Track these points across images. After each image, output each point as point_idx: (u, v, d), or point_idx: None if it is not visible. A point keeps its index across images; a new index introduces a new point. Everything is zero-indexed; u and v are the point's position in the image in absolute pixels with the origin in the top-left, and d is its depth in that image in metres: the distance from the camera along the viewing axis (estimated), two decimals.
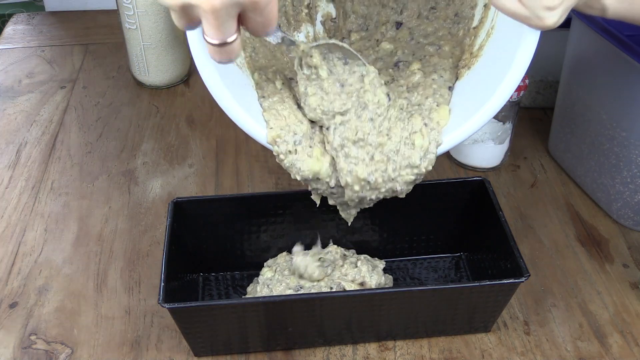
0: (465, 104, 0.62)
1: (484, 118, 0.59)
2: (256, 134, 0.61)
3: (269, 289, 0.67)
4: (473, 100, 0.60)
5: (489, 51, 0.62)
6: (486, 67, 0.62)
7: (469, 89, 0.63)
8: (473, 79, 0.63)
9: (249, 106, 0.61)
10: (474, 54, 0.64)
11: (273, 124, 0.61)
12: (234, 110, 0.59)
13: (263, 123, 0.61)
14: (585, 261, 0.75)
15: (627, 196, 0.76)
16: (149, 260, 0.75)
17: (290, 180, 0.85)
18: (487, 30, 0.63)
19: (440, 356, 0.65)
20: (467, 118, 0.60)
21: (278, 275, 0.68)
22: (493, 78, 0.58)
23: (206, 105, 1.00)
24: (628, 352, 0.65)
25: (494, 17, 0.62)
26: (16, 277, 0.73)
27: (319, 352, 0.65)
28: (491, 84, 0.58)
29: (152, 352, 0.65)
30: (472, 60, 0.64)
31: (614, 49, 0.71)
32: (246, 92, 0.62)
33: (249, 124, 0.60)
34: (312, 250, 0.68)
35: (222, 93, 0.58)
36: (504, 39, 0.60)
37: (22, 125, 0.96)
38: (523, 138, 0.91)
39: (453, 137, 0.61)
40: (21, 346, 0.66)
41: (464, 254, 0.75)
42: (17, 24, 1.20)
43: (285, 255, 0.71)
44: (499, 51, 0.60)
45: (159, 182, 0.86)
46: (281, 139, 0.60)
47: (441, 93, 0.63)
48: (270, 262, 0.71)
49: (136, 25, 0.96)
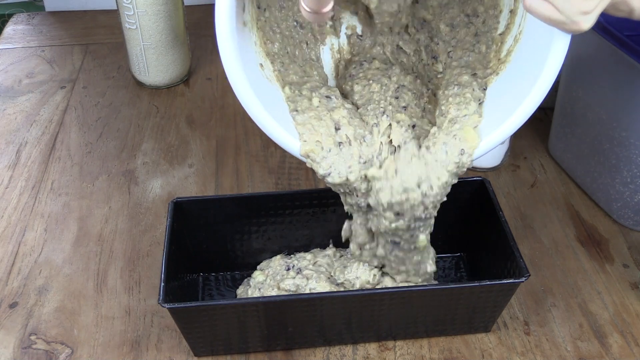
0: (496, 108, 0.61)
1: (518, 122, 0.59)
2: (288, 145, 0.61)
3: (260, 293, 0.67)
4: (505, 105, 0.60)
5: (517, 56, 0.62)
6: (516, 72, 0.61)
7: (499, 95, 0.62)
8: (503, 85, 0.62)
9: (280, 117, 0.61)
10: (501, 59, 0.64)
11: (307, 137, 0.61)
12: (266, 121, 0.60)
13: (295, 134, 0.62)
14: (585, 261, 0.75)
15: (627, 196, 0.76)
16: (149, 260, 0.75)
17: (290, 180, 0.86)
18: (515, 35, 0.63)
19: (440, 356, 0.65)
20: (500, 123, 0.59)
21: (270, 280, 0.68)
22: (525, 82, 0.58)
23: (206, 105, 1.00)
24: (628, 352, 0.65)
25: (521, 22, 0.62)
26: (16, 277, 0.73)
27: (319, 352, 0.65)
28: (524, 88, 0.58)
29: (152, 352, 0.66)
30: (500, 66, 0.63)
31: (614, 49, 0.71)
32: (276, 104, 0.62)
33: (281, 135, 0.61)
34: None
35: (253, 104, 0.59)
36: (533, 43, 0.59)
37: (22, 125, 0.96)
38: (523, 138, 0.91)
39: (487, 142, 0.60)
40: (21, 346, 0.66)
41: (464, 254, 0.75)
42: (17, 24, 1.20)
43: (279, 259, 0.70)
44: (528, 56, 0.60)
45: (159, 182, 0.86)
46: (315, 154, 0.61)
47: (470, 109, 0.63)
48: (263, 265, 0.71)
49: (136, 25, 0.96)
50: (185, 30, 1.01)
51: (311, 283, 0.66)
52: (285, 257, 0.71)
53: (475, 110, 0.62)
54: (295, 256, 0.70)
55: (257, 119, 0.60)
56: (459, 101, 0.63)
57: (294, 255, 0.71)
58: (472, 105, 0.62)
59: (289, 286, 0.66)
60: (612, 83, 0.74)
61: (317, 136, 0.62)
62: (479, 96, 0.63)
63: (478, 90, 0.63)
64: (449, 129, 0.61)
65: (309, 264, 0.69)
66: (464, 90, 0.63)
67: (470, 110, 0.62)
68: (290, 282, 0.67)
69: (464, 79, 0.64)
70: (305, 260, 0.69)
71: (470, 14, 0.68)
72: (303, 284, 0.66)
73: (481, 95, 0.63)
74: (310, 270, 0.68)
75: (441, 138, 0.61)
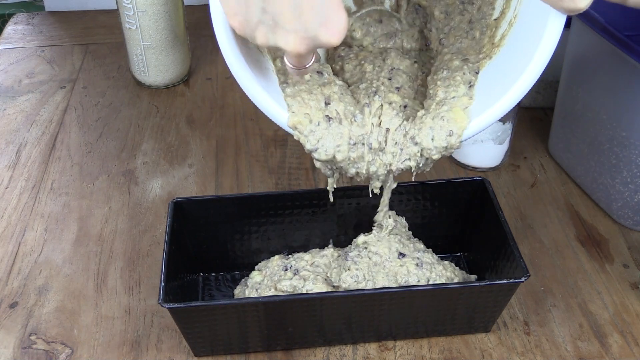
0: (489, 90, 0.61)
1: (510, 103, 0.58)
2: (276, 116, 0.60)
3: (257, 293, 0.67)
4: (497, 86, 0.59)
5: (511, 40, 0.62)
6: (510, 55, 0.61)
7: (492, 78, 0.62)
8: (495, 69, 0.62)
9: (269, 88, 0.60)
10: (495, 44, 0.63)
11: (296, 109, 0.60)
12: (255, 90, 0.59)
13: (284, 106, 0.61)
14: (585, 261, 0.75)
15: (627, 196, 0.76)
16: (149, 260, 0.75)
17: (290, 180, 0.86)
18: (510, 20, 0.62)
19: (440, 356, 0.65)
20: (492, 103, 0.59)
21: (267, 280, 0.68)
22: (518, 64, 0.58)
23: (206, 105, 1.00)
24: (628, 352, 0.65)
25: (517, 6, 0.62)
26: (16, 277, 0.73)
27: (319, 352, 0.65)
28: (517, 70, 0.57)
29: (152, 352, 0.66)
30: (494, 49, 0.63)
31: (614, 49, 0.71)
32: (266, 75, 0.62)
33: (270, 105, 0.60)
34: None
35: (243, 72, 0.58)
36: (527, 26, 0.59)
37: (22, 125, 0.96)
38: (523, 138, 0.91)
39: (478, 122, 0.59)
40: (21, 346, 0.66)
41: (464, 254, 0.75)
42: (17, 24, 1.20)
43: (277, 259, 0.70)
44: (522, 38, 0.60)
45: (159, 182, 0.86)
46: (303, 125, 0.60)
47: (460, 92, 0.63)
48: (261, 265, 0.71)
49: (136, 25, 0.96)
50: (185, 30, 1.01)
51: (308, 284, 0.66)
52: (284, 257, 0.71)
53: (465, 93, 0.61)
54: (294, 256, 0.70)
55: (245, 87, 0.59)
56: (448, 84, 0.62)
57: (292, 256, 0.70)
58: (461, 87, 0.61)
59: (286, 287, 0.66)
60: (612, 83, 0.74)
61: (307, 109, 0.60)
62: (470, 79, 0.62)
63: (469, 74, 0.62)
64: (436, 111, 0.60)
65: (306, 264, 0.69)
66: (454, 73, 0.63)
67: (459, 92, 0.61)
68: (287, 283, 0.66)
69: (454, 64, 0.64)
70: (303, 260, 0.69)
71: (466, 1, 0.67)
72: (300, 285, 0.66)
73: (472, 78, 0.62)
74: (307, 271, 0.68)
75: (428, 122, 0.60)
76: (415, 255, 0.67)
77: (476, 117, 0.59)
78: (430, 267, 0.67)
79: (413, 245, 0.69)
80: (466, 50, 0.65)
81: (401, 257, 0.67)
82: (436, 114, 0.60)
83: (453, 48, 0.66)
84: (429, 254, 0.68)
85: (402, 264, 0.66)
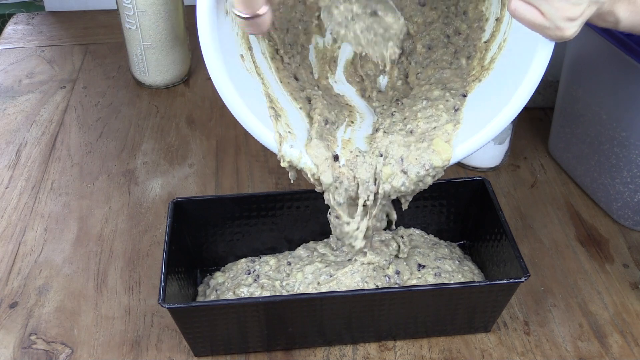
0: (477, 115, 0.61)
1: (497, 129, 0.59)
2: (262, 137, 0.61)
3: (217, 295, 0.67)
4: (485, 111, 0.60)
5: (501, 64, 0.62)
6: (498, 79, 0.62)
7: (481, 101, 0.62)
8: (485, 91, 0.63)
9: (257, 110, 0.61)
10: (485, 66, 0.64)
11: (282, 131, 0.61)
12: (241, 111, 0.59)
13: (271, 127, 0.61)
14: (585, 261, 0.75)
15: (627, 196, 0.76)
16: (149, 260, 0.75)
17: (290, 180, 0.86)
18: (499, 43, 0.63)
19: (440, 356, 0.65)
20: (480, 128, 0.59)
21: (228, 283, 0.68)
22: (506, 89, 0.58)
23: (206, 105, 1.00)
24: (628, 352, 0.65)
25: (506, 30, 0.62)
26: (16, 277, 0.73)
27: (319, 352, 0.65)
28: (505, 94, 0.58)
29: (152, 352, 0.66)
30: (483, 72, 0.64)
31: (614, 49, 0.71)
32: (254, 96, 0.62)
33: (256, 127, 0.60)
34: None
35: (230, 94, 0.58)
36: (517, 51, 0.59)
37: (22, 125, 0.96)
38: (523, 138, 0.91)
39: (465, 147, 0.60)
40: (21, 346, 0.66)
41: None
42: (17, 24, 1.20)
43: (244, 262, 0.70)
44: (511, 63, 0.60)
45: (159, 182, 0.86)
46: (287, 143, 0.60)
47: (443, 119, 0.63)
48: (228, 267, 0.71)
49: (136, 25, 0.96)
50: (185, 30, 1.01)
51: (265, 294, 0.66)
52: (250, 260, 0.71)
53: (448, 119, 0.62)
54: (259, 260, 0.70)
55: (232, 109, 0.59)
56: (430, 114, 0.63)
57: (258, 259, 0.71)
58: (443, 116, 0.62)
59: (243, 294, 0.66)
60: (612, 83, 0.74)
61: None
62: (454, 104, 0.63)
63: (453, 100, 0.63)
64: (417, 145, 0.61)
65: (269, 269, 0.69)
66: (436, 102, 0.63)
67: (440, 121, 0.62)
68: (245, 289, 0.67)
69: (434, 94, 0.65)
70: (268, 265, 0.69)
71: (451, 34, 0.68)
72: (257, 293, 0.67)
73: (457, 102, 0.63)
74: (267, 279, 0.68)
75: (411, 159, 0.61)
76: (435, 264, 0.68)
77: (462, 143, 0.60)
78: (449, 275, 0.67)
79: (434, 253, 0.69)
80: (448, 79, 0.66)
81: (420, 269, 0.68)
82: (417, 148, 0.61)
83: (431, 79, 0.67)
84: (450, 261, 0.69)
85: (420, 276, 0.68)
